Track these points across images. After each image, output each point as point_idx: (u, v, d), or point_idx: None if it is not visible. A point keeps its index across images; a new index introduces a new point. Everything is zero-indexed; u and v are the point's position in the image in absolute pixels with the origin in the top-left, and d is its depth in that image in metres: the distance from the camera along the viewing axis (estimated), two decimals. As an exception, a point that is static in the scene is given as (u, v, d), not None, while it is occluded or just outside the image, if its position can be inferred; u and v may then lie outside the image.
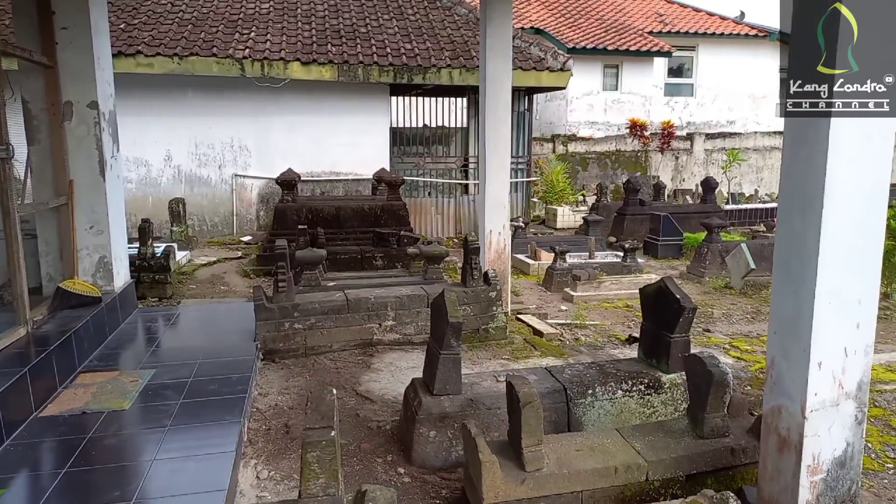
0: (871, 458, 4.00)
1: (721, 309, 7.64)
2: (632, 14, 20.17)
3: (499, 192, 6.79)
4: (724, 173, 16.99)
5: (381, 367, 5.41)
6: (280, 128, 11.31)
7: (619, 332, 6.61)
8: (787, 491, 2.78)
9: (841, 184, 2.55)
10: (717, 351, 6.03)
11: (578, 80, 17.19)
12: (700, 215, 11.73)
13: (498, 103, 6.68)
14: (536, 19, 18.73)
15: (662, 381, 4.26)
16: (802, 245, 2.67)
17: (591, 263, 9.08)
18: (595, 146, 17.13)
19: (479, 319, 6.00)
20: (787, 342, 2.77)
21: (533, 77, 11.59)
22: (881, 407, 4.77)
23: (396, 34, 11.89)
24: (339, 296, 5.81)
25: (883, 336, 6.50)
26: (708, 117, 20.20)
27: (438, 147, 12.82)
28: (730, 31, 19.70)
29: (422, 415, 3.87)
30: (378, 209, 8.96)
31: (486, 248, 6.76)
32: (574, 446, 3.47)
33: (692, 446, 3.49)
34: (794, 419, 2.73)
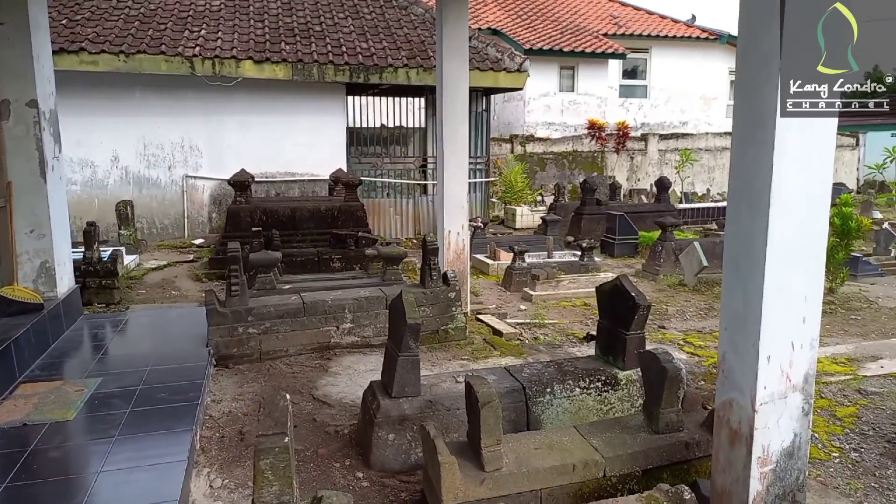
0: (818, 448, 4.13)
1: (675, 306, 7.80)
2: (587, 16, 20.48)
3: (457, 193, 6.79)
4: (677, 173, 17.40)
5: (339, 370, 5.33)
6: (233, 128, 11.07)
7: (577, 331, 6.68)
8: (739, 482, 2.84)
9: (787, 183, 2.62)
10: (672, 347, 6.15)
11: (535, 81, 17.36)
12: (654, 214, 11.96)
13: (455, 103, 6.68)
14: (493, 20, 18.83)
15: (619, 377, 4.31)
16: (751, 243, 2.73)
17: (550, 263, 9.16)
18: (552, 147, 17.33)
19: (439, 320, 5.98)
20: (737, 337, 2.83)
21: (490, 78, 11.64)
22: (827, 398, 4.94)
23: (352, 33, 11.78)
24: (295, 299, 5.71)
25: (828, 330, 6.74)
26: (661, 118, 20.66)
27: (396, 147, 12.75)
28: (681, 33, 20.19)
29: (380, 418, 3.83)
30: (335, 210, 8.84)
31: (445, 248, 6.75)
32: (533, 445, 3.48)
33: (648, 441, 3.54)
34: (744, 412, 2.79)
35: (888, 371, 5.49)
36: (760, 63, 2.64)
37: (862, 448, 4.15)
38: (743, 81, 2.77)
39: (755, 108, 2.68)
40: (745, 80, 2.76)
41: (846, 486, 3.69)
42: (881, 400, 4.88)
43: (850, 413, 4.67)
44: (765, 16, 2.61)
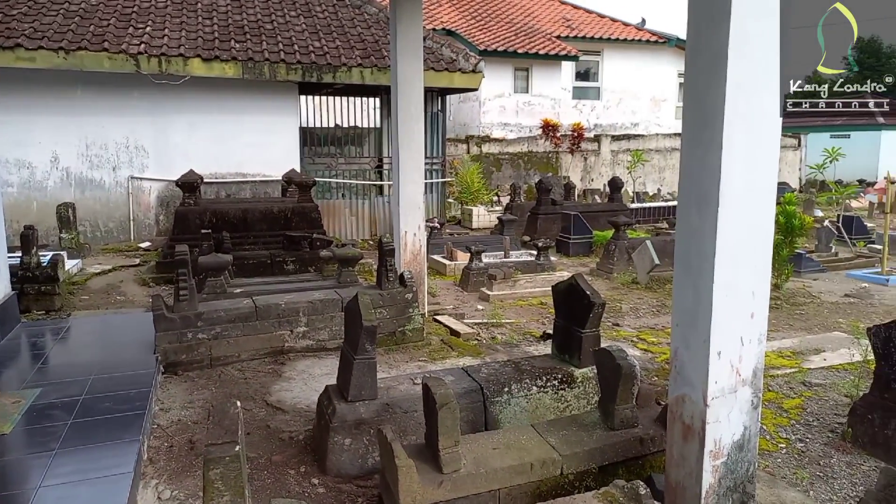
0: (766, 440, 4.25)
1: (629, 303, 7.94)
2: (540, 18, 20.70)
3: (413, 193, 6.74)
4: (629, 173, 17.75)
5: (294, 375, 5.23)
6: (181, 127, 10.74)
7: (534, 329, 6.72)
8: (692, 476, 2.89)
9: (734, 183, 2.69)
10: (626, 344, 6.25)
11: (490, 82, 17.44)
12: (608, 214, 12.17)
13: (410, 103, 6.63)
14: (447, 20, 18.85)
15: (575, 375, 4.35)
16: (700, 241, 2.78)
17: (507, 262, 9.21)
18: (508, 147, 17.45)
19: (396, 322, 5.92)
20: (689, 333, 2.88)
21: (445, 78, 11.63)
22: (774, 391, 5.09)
23: (304, 31, 11.59)
24: (247, 302, 5.56)
25: (774, 324, 6.96)
26: (613, 120, 21.06)
27: (351, 147, 12.61)
28: (632, 36, 20.62)
29: (336, 422, 3.76)
30: (288, 211, 8.68)
31: (402, 249, 6.70)
32: (491, 445, 3.47)
33: (604, 438, 3.57)
34: (696, 407, 2.84)
35: (830, 363, 5.71)
36: (708, 65, 2.70)
37: (807, 438, 4.29)
38: (691, 83, 2.83)
39: (703, 109, 2.74)
40: (693, 81, 2.82)
41: (793, 475, 3.81)
42: (824, 391, 5.07)
43: (795, 405, 4.82)
44: (713, 18, 2.66)
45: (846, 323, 6.99)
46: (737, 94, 2.64)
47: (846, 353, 5.89)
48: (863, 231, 12.27)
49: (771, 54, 2.70)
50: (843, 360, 5.77)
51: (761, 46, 2.67)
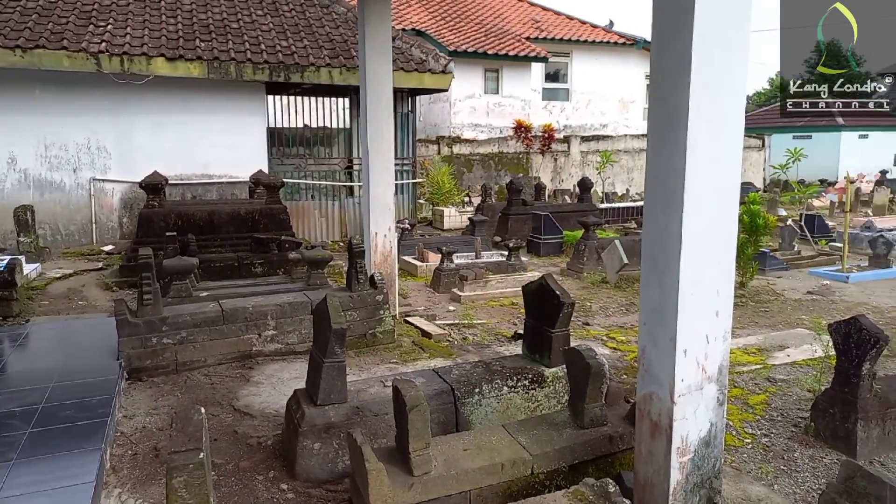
0: (733, 436, 4.32)
1: (598, 302, 8.01)
2: (509, 20, 20.80)
3: (383, 194, 6.71)
4: (598, 174, 17.94)
5: (262, 379, 5.15)
6: (144, 128, 10.50)
7: (505, 330, 6.73)
8: (660, 473, 2.92)
9: (698, 182, 2.72)
10: (596, 343, 6.30)
11: (460, 83, 17.46)
12: (578, 214, 12.28)
13: (380, 104, 6.60)
14: (417, 21, 18.82)
15: (545, 375, 4.36)
16: (666, 240, 2.81)
17: (478, 263, 9.22)
18: (479, 148, 17.49)
19: (366, 324, 5.88)
20: (656, 332, 2.90)
21: (415, 78, 11.60)
22: (740, 387, 5.18)
23: (271, 31, 11.44)
24: (214, 306, 5.46)
25: (739, 322, 7.10)
26: (583, 121, 21.26)
27: (321, 148, 12.48)
28: (600, 38, 20.84)
29: (305, 427, 3.71)
30: (256, 213, 8.55)
31: (372, 250, 6.66)
32: (462, 446, 3.47)
33: (574, 437, 3.59)
34: (664, 404, 2.87)
35: (794, 359, 5.84)
36: (673, 67, 2.72)
37: (772, 433, 4.38)
38: (657, 85, 2.85)
39: (668, 110, 2.76)
40: (658, 83, 2.84)
41: (758, 470, 3.87)
42: (788, 387, 5.17)
43: (760, 400, 4.91)
44: (677, 22, 2.69)
45: (809, 320, 7.16)
46: (701, 95, 2.67)
47: (809, 349, 6.03)
48: (824, 230, 12.61)
49: (734, 57, 2.74)
50: (805, 355, 5.90)
51: (725, 49, 2.71)
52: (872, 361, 4.00)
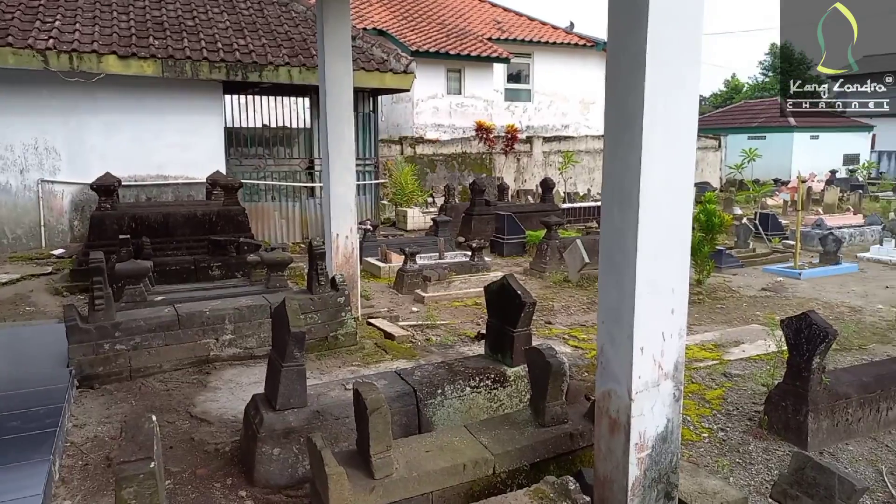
0: (690, 430, 4.40)
1: (560, 301, 8.09)
2: (471, 20, 20.87)
3: (345, 195, 6.64)
4: (560, 174, 18.14)
5: (220, 384, 5.04)
6: (96, 128, 10.17)
7: (468, 330, 6.74)
8: (619, 469, 2.95)
9: (653, 182, 2.76)
10: (558, 341, 6.36)
11: (423, 83, 17.42)
12: (540, 214, 12.39)
13: (340, 104, 6.53)
14: (378, 20, 18.72)
15: (507, 374, 4.38)
16: (623, 239, 2.84)
17: (441, 264, 9.21)
18: (442, 148, 17.50)
19: (328, 326, 5.80)
20: (614, 330, 2.93)
21: (376, 78, 11.53)
22: (697, 383, 5.29)
23: (228, 29, 11.22)
24: (169, 311, 5.32)
25: (696, 318, 7.25)
26: (545, 121, 21.46)
27: (281, 148, 12.30)
28: (561, 40, 21.07)
29: (264, 432, 3.65)
30: (213, 215, 8.36)
31: (334, 252, 6.58)
32: (424, 448, 3.45)
33: (535, 435, 3.61)
34: (622, 401, 2.91)
35: (749, 354, 5.99)
36: (628, 68, 2.76)
37: (728, 427, 4.48)
38: (612, 87, 2.88)
39: (624, 111, 2.80)
40: (614, 84, 2.87)
41: (715, 463, 3.96)
42: (743, 381, 5.30)
43: (717, 395, 5.02)
44: (631, 24, 2.72)
45: (763, 315, 7.36)
46: (655, 97, 2.70)
47: (763, 345, 6.19)
48: (778, 228, 13.00)
49: (687, 59, 2.79)
50: (760, 351, 6.06)
51: (678, 51, 2.75)
52: (822, 355, 4.12)
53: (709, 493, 3.19)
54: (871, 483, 3.71)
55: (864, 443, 4.22)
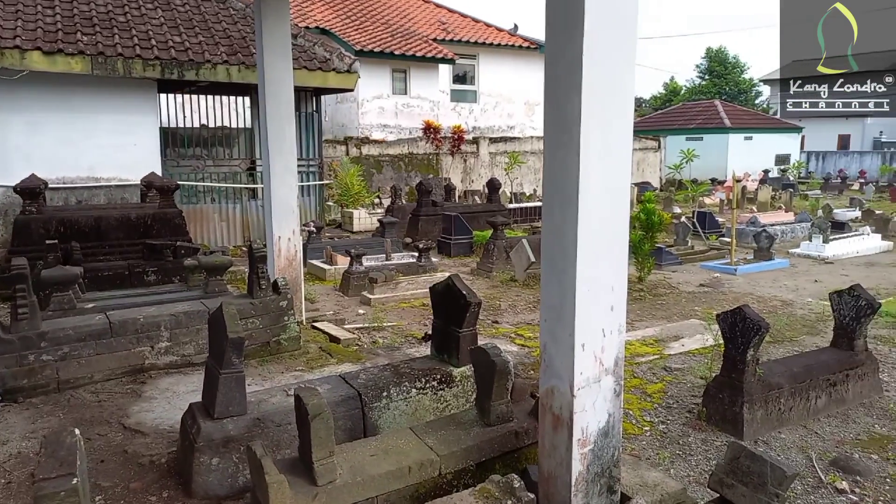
0: (632, 424, 4.49)
1: (507, 301, 8.15)
2: (416, 21, 20.83)
3: (287, 196, 6.51)
4: (506, 174, 18.31)
5: (156, 394, 4.84)
6: (19, 127, 9.60)
7: (416, 331, 6.70)
8: (563, 465, 2.97)
9: (592, 182, 2.79)
10: (504, 340, 6.39)
11: (368, 83, 17.28)
12: (487, 214, 12.47)
13: (280, 103, 6.39)
14: (321, 19, 18.46)
15: (453, 374, 4.37)
16: (563, 238, 2.87)
17: (388, 265, 9.14)
18: (388, 149, 17.39)
19: (270, 331, 5.66)
20: (555, 327, 2.95)
21: (319, 77, 11.34)
22: (639, 377, 5.40)
23: (163, 25, 10.81)
24: (100, 318, 5.08)
25: (638, 314, 7.43)
26: (491, 122, 21.63)
27: (220, 149, 11.95)
28: (505, 42, 21.27)
29: (201, 442, 3.52)
30: (148, 218, 8.04)
31: (276, 255, 6.44)
32: (368, 452, 3.40)
33: (480, 435, 3.61)
34: (564, 398, 2.93)
35: (688, 348, 6.16)
36: (566, 71, 2.78)
37: (668, 420, 4.59)
38: (551, 89, 2.90)
39: (562, 113, 2.82)
40: (552, 87, 2.90)
41: (656, 456, 4.04)
42: (682, 375, 5.45)
43: (658, 389, 5.14)
44: (568, 26, 2.74)
45: (701, 310, 7.59)
46: (592, 99, 2.74)
47: (701, 339, 6.38)
48: (715, 226, 13.48)
49: (623, 61, 2.83)
50: (698, 345, 6.25)
51: (614, 54, 2.79)
52: (756, 348, 4.27)
53: (650, 485, 3.25)
54: (802, 469, 3.86)
55: (796, 430, 4.39)
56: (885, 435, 4.34)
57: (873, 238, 11.97)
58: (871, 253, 11.43)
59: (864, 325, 4.89)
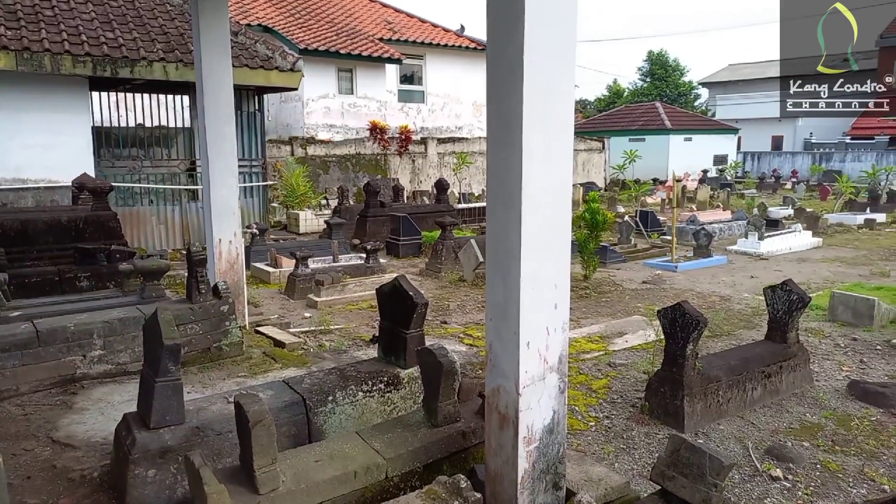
0: (578, 420, 4.55)
1: (456, 301, 8.15)
2: (362, 20, 20.66)
3: (227, 197, 6.33)
4: (455, 175, 18.37)
5: (88, 405, 4.61)
6: (-63, 127, 9.06)
7: (364, 334, 6.63)
8: (509, 463, 2.97)
9: (534, 182, 2.81)
10: (453, 340, 6.39)
11: (313, 82, 17.04)
12: (435, 215, 12.46)
13: (219, 101, 6.21)
14: (263, 17, 18.09)
15: (401, 376, 4.33)
16: (507, 237, 2.87)
17: (335, 267, 9.02)
18: (335, 149, 17.18)
19: (210, 337, 5.48)
20: (501, 326, 2.95)
21: (261, 76, 11.10)
22: (585, 374, 5.48)
23: (94, 20, 10.35)
24: (26, 327, 4.81)
25: (584, 312, 7.55)
26: (439, 123, 21.65)
27: (158, 149, 11.54)
28: (452, 42, 21.33)
29: (136, 453, 3.38)
30: (80, 221, 7.66)
31: (216, 258, 6.25)
32: (313, 458, 3.34)
33: (428, 436, 3.59)
34: (510, 396, 2.93)
35: (631, 344, 6.30)
36: (507, 71, 2.78)
37: (613, 415, 4.67)
38: (493, 89, 2.91)
39: (505, 114, 2.82)
40: (494, 87, 2.90)
41: (601, 450, 4.10)
42: (626, 370, 5.56)
43: (603, 385, 5.23)
44: (509, 29, 2.75)
45: (644, 307, 7.78)
46: (533, 99, 2.75)
47: (644, 335, 6.54)
48: (656, 224, 13.85)
49: (563, 62, 2.85)
50: (641, 340, 6.39)
51: (554, 55, 2.81)
52: (695, 342, 4.39)
53: (594, 480, 3.29)
54: (739, 458, 3.99)
55: (733, 421, 4.54)
56: (816, 423, 4.53)
57: (805, 235, 12.54)
58: (802, 249, 11.97)
59: (795, 319, 5.10)
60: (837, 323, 6.89)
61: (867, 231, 14.38)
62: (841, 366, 5.67)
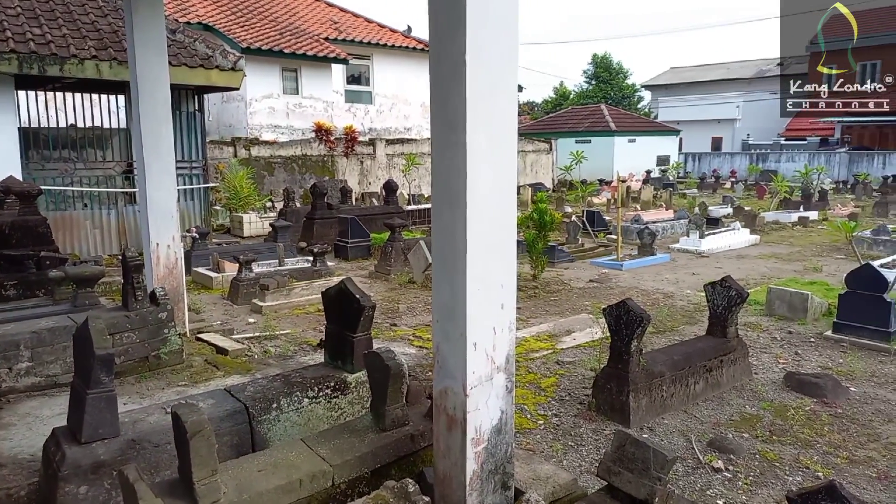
0: (527, 418, 4.57)
1: (406, 303, 8.09)
2: (306, 19, 20.35)
3: (165, 200, 6.09)
4: (404, 176, 18.29)
5: (14, 420, 4.35)
6: None
7: (311, 338, 6.50)
8: (457, 465, 2.95)
9: (479, 182, 2.79)
10: (403, 342, 6.33)
11: (256, 82, 16.67)
12: (384, 216, 12.35)
13: (155, 101, 5.97)
14: (203, 14, 17.58)
15: (348, 381, 4.25)
16: (453, 238, 2.85)
17: (281, 271, 8.84)
18: (280, 150, 16.84)
19: (148, 345, 5.26)
20: (448, 327, 2.93)
21: (201, 75, 10.76)
22: (534, 372, 5.52)
23: (19, 16, 9.83)
24: (-56, 339, 4.50)
25: (533, 311, 7.61)
26: (387, 124, 21.52)
27: (92, 150, 11.04)
28: (399, 43, 21.24)
29: (66, 469, 3.20)
30: (6, 227, 7.23)
31: (154, 263, 6.01)
32: (256, 467, 3.23)
33: (375, 441, 3.53)
34: (458, 397, 2.90)
35: (579, 342, 6.38)
36: (450, 71, 2.76)
37: (561, 413, 4.71)
38: (437, 89, 2.88)
39: (449, 114, 2.80)
40: (438, 87, 2.87)
41: (549, 448, 4.13)
42: (574, 368, 5.62)
43: (551, 383, 5.27)
44: (451, 28, 2.73)
45: (591, 305, 7.90)
46: (476, 99, 2.73)
47: (591, 332, 6.64)
48: (603, 224, 14.13)
49: (506, 62, 2.85)
50: (588, 338, 6.48)
51: (497, 54, 2.80)
52: (639, 339, 4.47)
53: (542, 478, 3.30)
54: (683, 451, 4.09)
55: (677, 415, 4.65)
56: (755, 414, 4.69)
57: (743, 233, 13.02)
58: (741, 246, 12.42)
59: (735, 314, 5.27)
60: (774, 317, 7.16)
61: (801, 228, 15.04)
62: (778, 358, 5.89)
